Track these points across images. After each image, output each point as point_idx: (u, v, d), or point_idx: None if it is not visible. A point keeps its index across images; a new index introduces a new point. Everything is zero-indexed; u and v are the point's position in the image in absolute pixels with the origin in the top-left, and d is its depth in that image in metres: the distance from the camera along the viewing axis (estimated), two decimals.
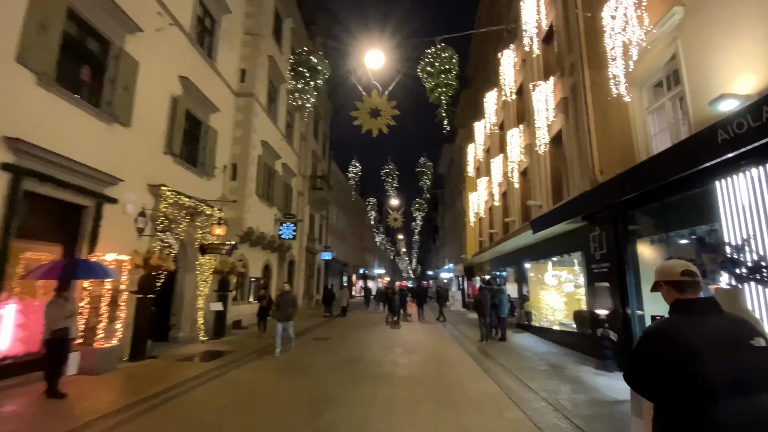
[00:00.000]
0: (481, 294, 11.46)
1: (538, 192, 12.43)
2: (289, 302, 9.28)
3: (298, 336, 12.23)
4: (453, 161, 35.32)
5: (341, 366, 7.92)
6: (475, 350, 9.83)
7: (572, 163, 9.87)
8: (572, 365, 7.82)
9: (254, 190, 14.21)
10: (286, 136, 18.13)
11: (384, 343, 11.10)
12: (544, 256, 12.34)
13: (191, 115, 11.02)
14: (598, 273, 8.23)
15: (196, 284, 11.21)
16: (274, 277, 18.03)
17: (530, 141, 13.23)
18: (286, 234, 16.24)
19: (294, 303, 9.38)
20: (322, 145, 29.22)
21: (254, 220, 14.15)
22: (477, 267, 24.67)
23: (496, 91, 17.87)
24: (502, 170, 16.82)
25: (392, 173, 15.68)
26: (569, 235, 9.94)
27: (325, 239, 30.12)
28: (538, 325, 12.93)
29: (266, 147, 15.15)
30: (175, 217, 9.75)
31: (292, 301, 9.38)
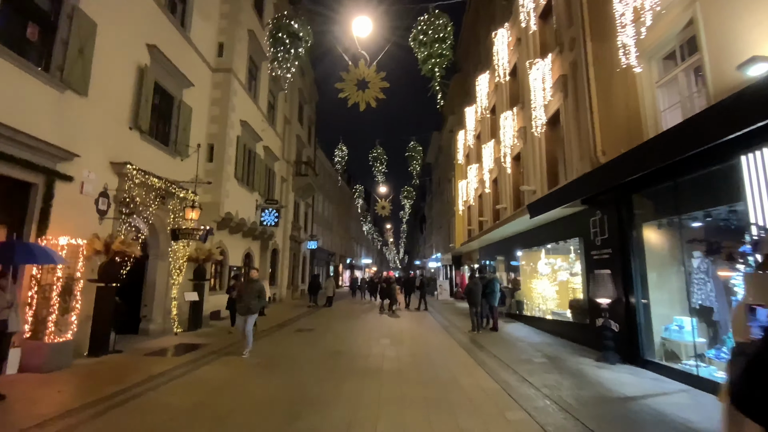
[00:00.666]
0: (471, 282, 10.95)
1: (531, 177, 11.92)
2: (253, 292, 7.81)
3: (280, 327, 11.59)
4: (441, 149, 34.72)
5: (324, 360, 7.31)
6: (467, 341, 9.34)
7: (570, 145, 9.34)
8: (571, 357, 7.37)
9: (233, 173, 13.35)
10: (268, 117, 17.21)
11: (370, 334, 10.53)
12: (537, 243, 11.88)
13: (161, 88, 10.09)
14: (599, 260, 7.75)
15: (169, 272, 10.40)
16: (256, 265, 17.24)
17: (524, 124, 12.69)
18: (268, 220, 15.45)
19: (260, 293, 7.84)
20: (308, 130, 28.25)
21: (233, 205, 13.33)
22: (465, 256, 24.28)
23: (488, 73, 17.25)
24: (494, 156, 16.29)
25: (380, 157, 14.97)
26: (566, 221, 9.46)
27: (311, 228, 29.32)
28: (529, 314, 12.53)
29: (246, 128, 14.26)
30: (143, 199, 8.90)
31: (257, 291, 7.85)
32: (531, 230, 12.10)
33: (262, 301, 7.93)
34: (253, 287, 7.87)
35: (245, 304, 7.76)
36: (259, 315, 15.21)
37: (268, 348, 8.45)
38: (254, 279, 8.16)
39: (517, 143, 13.14)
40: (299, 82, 24.63)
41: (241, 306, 7.84)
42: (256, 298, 7.76)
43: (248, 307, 7.73)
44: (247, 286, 7.97)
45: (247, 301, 7.76)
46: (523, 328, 11.46)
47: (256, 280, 8.12)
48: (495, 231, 14.70)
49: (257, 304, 7.80)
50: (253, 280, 8.13)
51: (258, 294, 7.81)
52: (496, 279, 11.28)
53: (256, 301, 7.76)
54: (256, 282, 8.06)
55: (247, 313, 7.71)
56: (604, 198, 7.57)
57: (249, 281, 8.18)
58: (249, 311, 7.72)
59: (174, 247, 10.35)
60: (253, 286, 7.91)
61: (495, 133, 16.63)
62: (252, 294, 7.78)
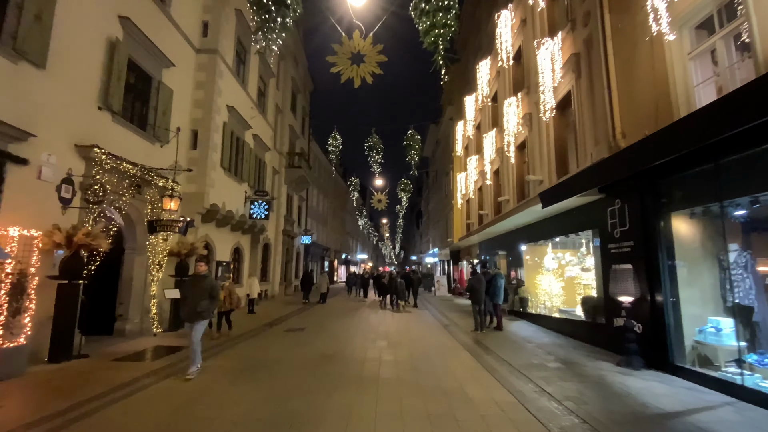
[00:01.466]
0: (474, 279, 10.21)
1: (538, 166, 11.18)
2: (202, 291, 5.95)
3: (269, 326, 10.81)
4: (439, 142, 33.95)
5: (314, 366, 6.55)
6: (471, 342, 8.62)
7: (583, 129, 8.60)
8: (587, 361, 6.66)
9: (219, 162, 12.50)
10: (257, 104, 16.32)
11: (366, 334, 9.79)
12: (543, 236, 11.16)
13: (137, 66, 9.21)
14: (618, 254, 7.03)
15: (148, 268, 9.58)
16: (245, 261, 16.45)
17: (530, 110, 11.94)
18: (257, 213, 14.62)
19: (212, 292, 6.05)
20: (301, 121, 27.33)
21: (219, 197, 12.49)
22: (464, 251, 23.59)
23: (489, 60, 16.46)
24: (495, 146, 15.54)
25: (377, 147, 14.16)
26: (578, 212, 8.73)
27: (305, 222, 28.50)
28: (534, 312, 11.84)
29: (233, 114, 13.38)
30: (114, 187, 8.06)
31: (207, 290, 6.00)
32: (537, 223, 11.38)
33: (214, 302, 6.17)
34: (201, 285, 6.03)
35: (190, 308, 5.89)
36: (248, 313, 14.68)
37: (252, 351, 7.68)
38: (202, 274, 6.22)
39: (522, 131, 12.39)
40: (292, 70, 23.71)
41: (186, 309, 5.97)
42: (207, 298, 5.98)
43: (195, 310, 5.85)
44: (193, 284, 6.13)
45: (193, 303, 5.87)
46: (529, 326, 10.76)
47: (205, 276, 6.21)
48: (497, 224, 13.98)
49: (208, 306, 6.01)
50: (200, 275, 6.20)
51: (210, 293, 6.03)
52: (500, 274, 10.56)
53: (207, 303, 5.97)
54: (205, 278, 6.16)
55: (195, 319, 5.88)
56: (625, 185, 6.84)
57: (195, 278, 6.25)
58: (198, 316, 5.87)
59: (152, 241, 9.51)
60: (202, 283, 6.07)
61: (497, 121, 15.88)
62: (200, 294, 5.95)
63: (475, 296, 9.98)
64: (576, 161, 9.23)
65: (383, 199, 21.49)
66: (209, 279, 6.25)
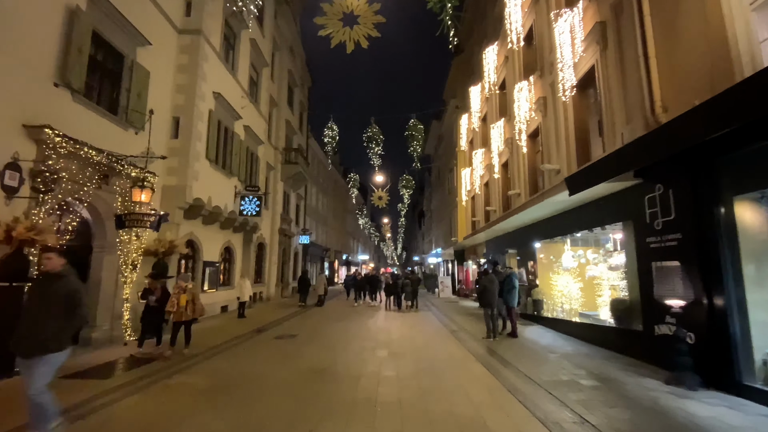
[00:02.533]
0: (486, 279, 9.11)
1: (554, 154, 10.10)
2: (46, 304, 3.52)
3: (258, 332, 9.75)
4: (442, 138, 32.89)
5: (301, 383, 5.48)
6: (484, 352, 7.53)
7: (610, 108, 7.52)
8: (627, 377, 5.57)
9: (204, 153, 11.46)
10: (249, 94, 15.28)
11: (364, 342, 8.72)
12: (561, 232, 10.06)
13: (104, 41, 8.20)
14: (660, 248, 5.94)
15: (119, 268, 8.55)
16: (237, 261, 15.40)
17: (544, 93, 10.87)
18: (248, 209, 13.57)
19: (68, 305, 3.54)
20: (299, 116, 26.32)
21: (204, 191, 11.45)
22: (469, 250, 22.49)
23: (497, 45, 15.39)
24: (503, 136, 14.48)
25: (376, 137, 13.10)
26: (606, 202, 7.65)
27: (303, 222, 27.46)
28: (550, 315, 10.74)
29: (221, 102, 12.35)
30: (74, 175, 7.03)
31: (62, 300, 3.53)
32: (553, 217, 10.29)
33: (74, 320, 3.65)
34: (50, 292, 3.55)
35: (28, 332, 3.44)
36: (238, 317, 13.59)
37: (231, 364, 6.61)
38: (57, 273, 3.65)
39: (535, 117, 11.31)
40: (288, 62, 22.71)
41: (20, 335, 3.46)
42: (61, 316, 3.51)
43: (36, 339, 3.40)
44: (37, 291, 3.63)
45: (32, 324, 3.46)
46: (546, 332, 9.67)
47: (61, 276, 3.63)
48: (506, 221, 12.88)
49: (60, 330, 3.51)
50: (53, 275, 3.64)
51: (68, 305, 3.54)
52: (514, 274, 9.47)
53: (59, 324, 3.50)
54: (60, 280, 3.61)
55: (36, 353, 3.40)
56: (669, 167, 5.76)
57: (41, 279, 3.78)
58: (39, 348, 3.40)
59: (123, 238, 8.48)
60: (52, 288, 3.56)
61: (505, 110, 14.82)
62: (47, 307, 3.50)
63: (487, 299, 8.89)
64: (601, 145, 8.15)
65: (384, 197, 20.44)
66: (66, 282, 3.61)
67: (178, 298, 7.16)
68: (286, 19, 21.77)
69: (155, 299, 7.43)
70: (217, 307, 13.55)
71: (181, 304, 7.13)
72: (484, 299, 8.96)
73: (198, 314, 7.41)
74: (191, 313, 7.28)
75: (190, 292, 7.32)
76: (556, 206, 9.33)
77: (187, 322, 7.33)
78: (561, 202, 8.73)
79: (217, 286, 13.49)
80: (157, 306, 7.46)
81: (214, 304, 13.23)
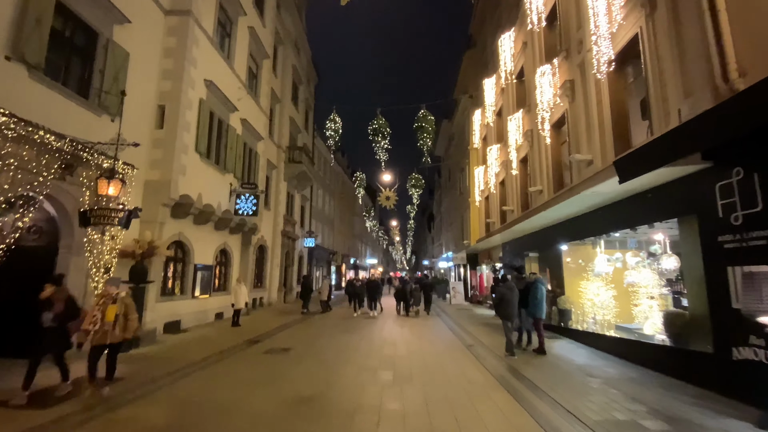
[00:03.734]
0: (505, 287, 7.85)
1: (585, 142, 8.84)
2: None
3: (249, 345, 8.63)
4: (452, 138, 31.68)
5: (281, 419, 4.33)
6: (508, 374, 6.28)
7: (661, 81, 6.26)
8: (701, 416, 4.29)
9: (193, 145, 10.45)
10: (247, 86, 14.29)
11: (365, 359, 7.53)
12: (593, 231, 8.78)
13: (73, 14, 7.23)
14: (739, 249, 4.67)
15: (89, 272, 7.53)
16: (234, 265, 14.36)
17: (570, 76, 9.64)
18: (243, 208, 12.52)
19: None
20: (304, 115, 25.38)
21: (193, 187, 10.43)
22: (483, 254, 21.16)
23: (513, 31, 14.21)
24: (522, 129, 13.24)
25: (382, 130, 11.98)
26: (657, 193, 6.37)
27: (308, 224, 26.44)
28: (580, 328, 9.42)
29: (214, 91, 11.36)
30: (25, 163, 6.03)
31: None
32: (583, 216, 9.02)
33: None
34: None
35: None
36: (232, 326, 12.31)
37: (200, 388, 5.48)
38: None
39: (560, 103, 10.06)
40: (293, 58, 21.81)
41: None
42: None
43: None
44: None
45: None
46: (577, 348, 8.37)
47: None
48: (526, 221, 11.62)
49: None
50: None
51: None
52: (540, 281, 8.21)
53: None
54: None
55: None
56: (752, 146, 4.50)
57: None
58: None
59: (93, 237, 7.45)
60: None
61: (524, 100, 13.59)
62: None
63: (507, 310, 7.64)
64: (646, 128, 6.90)
65: (392, 197, 19.25)
66: None
67: (104, 310, 4.98)
68: (290, 12, 20.90)
69: (52, 317, 4.98)
70: (211, 315, 12.51)
71: (108, 320, 4.94)
72: (502, 310, 7.71)
73: (131, 334, 5.25)
74: (121, 333, 5.09)
75: (122, 303, 5.17)
76: (589, 201, 8.07)
77: (114, 345, 5.15)
78: (598, 196, 7.48)
79: (210, 291, 12.45)
80: (55, 326, 5.03)
81: (206, 312, 12.20)
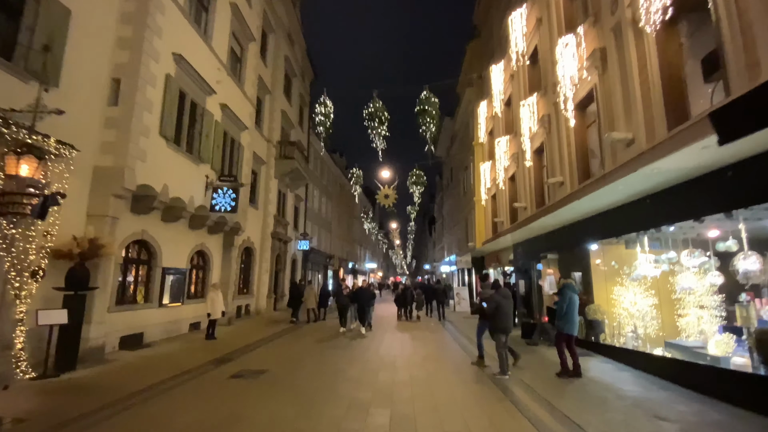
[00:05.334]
0: (500, 294, 6.38)
1: (621, 119, 7.31)
2: None
3: (216, 365, 7.00)
4: (455, 137, 30.19)
5: None
6: (545, 412, 4.70)
7: (744, 23, 4.75)
8: None
9: (157, 128, 8.95)
10: (229, 68, 12.82)
11: (356, 389, 5.95)
12: (634, 226, 7.20)
13: None
14: None
15: (6, 277, 5.98)
16: (214, 268, 12.81)
17: (602, 43, 8.15)
18: (221, 204, 10.97)
19: None
20: (298, 110, 23.99)
21: (157, 177, 8.91)
22: (490, 257, 19.58)
23: (525, 7, 12.73)
24: (537, 115, 11.71)
25: (379, 114, 10.48)
26: (740, 170, 4.82)
27: (303, 226, 24.91)
28: (617, 344, 7.84)
29: (185, 68, 9.88)
30: None
31: None
32: (622, 207, 7.46)
33: None
34: None
35: None
36: (206, 338, 9.79)
37: None
38: None
39: (587, 77, 8.55)
40: (286, 48, 20.42)
41: None
42: None
43: None
44: None
45: None
46: (617, 370, 6.78)
47: None
48: (545, 218, 10.07)
49: None
50: None
51: None
52: (570, 287, 6.64)
53: None
54: None
55: None
56: None
57: None
58: None
59: (12, 232, 5.91)
60: None
61: (538, 83, 12.11)
62: None
63: (504, 322, 6.21)
64: (709, 93, 5.37)
65: (391, 195, 17.72)
66: None
67: None
68: (283, 1, 19.56)
69: None
70: (184, 325, 10.95)
71: None
72: (498, 322, 6.23)
73: None
74: None
75: None
76: (634, 188, 6.53)
77: None
78: (646, 180, 5.95)
79: (183, 298, 10.89)
80: None
81: (178, 322, 10.64)
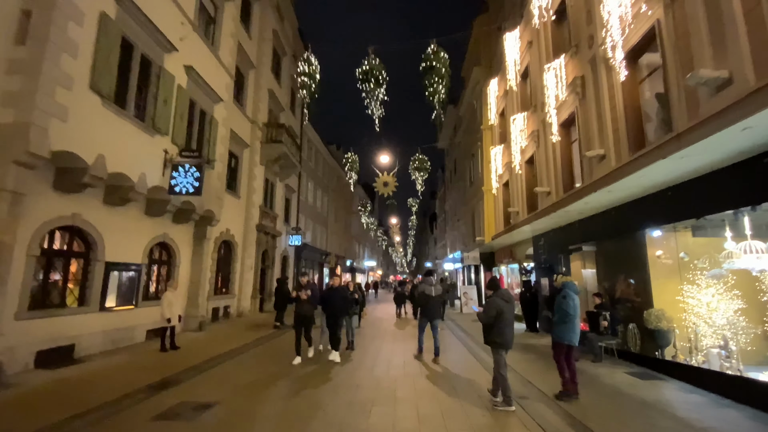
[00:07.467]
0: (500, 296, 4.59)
1: (706, 52, 5.29)
2: None
3: (153, 393, 4.97)
4: (459, 124, 28.16)
5: None
6: None
7: None
8: None
9: (87, 80, 6.93)
10: (198, 26, 10.79)
11: None
12: (729, 203, 5.22)
13: None
14: None
15: None
16: (182, 264, 10.82)
17: None
18: (182, 185, 8.93)
19: None
20: (289, 93, 21.99)
21: (88, 144, 6.90)
22: (502, 251, 17.59)
23: None
24: (566, 80, 9.68)
25: (376, 73, 8.50)
26: None
27: (296, 220, 22.95)
28: (694, 363, 5.84)
29: (129, 9, 7.86)
30: None
31: None
32: (696, 180, 5.47)
33: None
34: None
35: None
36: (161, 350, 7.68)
37: None
38: None
39: (647, 11, 6.53)
40: (274, 22, 18.43)
41: None
42: None
43: None
44: None
45: None
46: (715, 407, 4.79)
47: None
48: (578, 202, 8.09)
49: None
50: None
51: None
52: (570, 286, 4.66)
53: None
54: None
55: None
56: None
57: None
58: None
59: None
60: None
61: (566, 44, 10.10)
62: None
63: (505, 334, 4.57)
64: None
65: (391, 182, 15.72)
66: None
67: None
68: None
69: None
70: (139, 333, 8.97)
71: None
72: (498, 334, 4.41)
73: None
74: None
75: None
76: (695, 167, 4.54)
77: None
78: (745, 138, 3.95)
79: (136, 300, 8.91)
80: None
81: (129, 329, 8.68)
